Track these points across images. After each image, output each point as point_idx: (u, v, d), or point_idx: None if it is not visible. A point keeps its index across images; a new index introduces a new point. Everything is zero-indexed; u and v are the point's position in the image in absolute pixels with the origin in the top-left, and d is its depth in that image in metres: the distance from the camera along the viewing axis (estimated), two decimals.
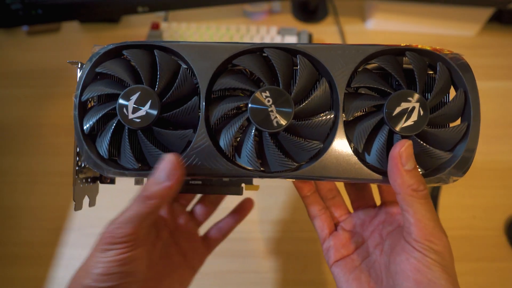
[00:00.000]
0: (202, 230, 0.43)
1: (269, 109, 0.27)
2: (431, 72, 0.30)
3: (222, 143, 0.28)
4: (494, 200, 0.56)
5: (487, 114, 0.65)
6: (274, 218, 0.55)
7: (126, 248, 0.27)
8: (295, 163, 0.29)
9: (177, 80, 0.28)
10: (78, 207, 0.32)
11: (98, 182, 0.35)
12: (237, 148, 0.29)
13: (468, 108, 0.28)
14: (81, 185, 0.33)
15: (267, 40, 0.68)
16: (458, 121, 0.29)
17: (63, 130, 0.62)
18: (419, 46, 0.29)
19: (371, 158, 0.29)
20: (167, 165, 0.26)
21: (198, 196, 0.42)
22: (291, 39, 0.68)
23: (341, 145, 0.28)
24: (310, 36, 0.70)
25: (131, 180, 0.35)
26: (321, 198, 0.37)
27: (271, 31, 0.69)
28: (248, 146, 0.28)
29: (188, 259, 0.37)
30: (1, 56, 0.72)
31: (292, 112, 0.27)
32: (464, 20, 0.71)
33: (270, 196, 0.56)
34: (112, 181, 0.34)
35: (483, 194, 0.56)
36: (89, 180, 0.34)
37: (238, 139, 0.30)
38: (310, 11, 0.78)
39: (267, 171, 0.29)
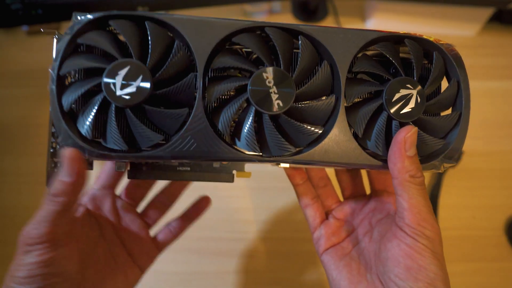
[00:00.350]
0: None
1: (270, 90, 0.26)
2: (426, 62, 0.31)
3: (220, 125, 0.27)
4: (494, 200, 0.56)
5: (487, 114, 0.65)
6: (273, 218, 0.55)
7: (45, 249, 0.26)
8: (295, 147, 0.28)
9: (171, 55, 0.26)
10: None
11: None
12: (235, 131, 0.28)
13: (460, 98, 0.29)
14: (56, 170, 0.31)
15: None
16: (449, 110, 0.30)
17: None
18: (418, 35, 0.29)
19: (371, 143, 0.29)
20: (64, 161, 0.25)
21: (151, 194, 0.40)
22: None
23: (342, 130, 0.28)
24: None
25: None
26: (312, 186, 0.37)
27: None
28: (247, 128, 0.27)
29: (135, 259, 0.36)
30: (1, 56, 0.72)
31: (293, 94, 0.27)
32: (464, 20, 0.71)
33: (270, 196, 0.56)
34: (90, 166, 0.31)
35: (483, 194, 0.56)
36: None
37: (234, 123, 0.28)
38: (310, 11, 0.78)
39: (266, 155, 0.28)
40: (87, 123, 0.26)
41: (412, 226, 0.26)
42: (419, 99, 0.28)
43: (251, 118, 0.27)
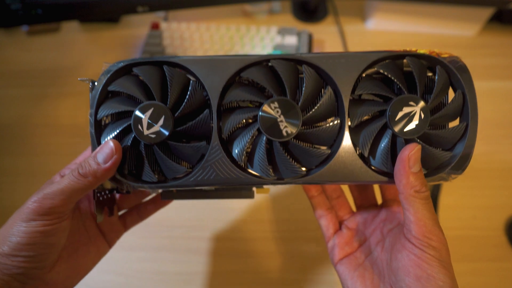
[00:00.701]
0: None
1: (279, 119, 0.29)
2: (430, 74, 0.31)
3: (235, 153, 0.29)
4: (494, 200, 0.56)
5: (487, 114, 0.65)
6: (274, 218, 0.55)
7: (52, 220, 0.28)
8: (305, 169, 0.30)
9: (187, 95, 0.29)
10: (100, 218, 0.34)
11: (115, 192, 0.36)
12: (249, 157, 0.30)
13: (466, 109, 0.30)
14: (101, 198, 0.35)
15: (267, 40, 0.68)
16: (457, 121, 0.31)
17: (63, 130, 0.62)
18: (418, 51, 0.30)
19: (376, 161, 0.30)
20: (107, 149, 0.28)
21: None
22: (291, 39, 0.68)
23: (347, 150, 0.30)
24: (310, 36, 0.70)
25: None
26: (326, 197, 0.39)
27: (271, 31, 0.69)
28: (260, 155, 0.29)
29: (104, 233, 0.38)
30: (1, 56, 0.72)
31: (300, 121, 0.29)
32: (464, 20, 0.71)
33: (270, 196, 0.56)
34: (128, 191, 0.35)
35: (483, 194, 0.56)
36: (107, 192, 0.36)
37: (249, 149, 0.30)
38: (310, 11, 0.78)
39: (279, 178, 0.30)
40: (123, 160, 0.29)
41: (419, 238, 0.27)
42: (422, 115, 0.28)
43: (263, 145, 0.29)
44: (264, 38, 0.68)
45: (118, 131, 0.29)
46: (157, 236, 0.53)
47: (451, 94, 0.31)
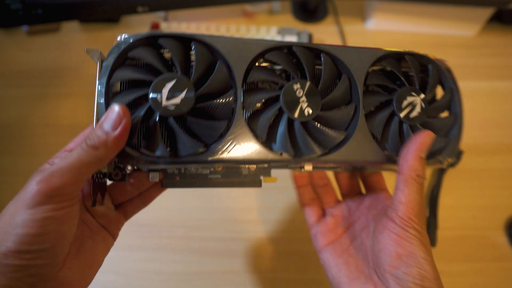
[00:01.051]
0: None
1: (300, 100, 0.30)
2: (421, 75, 0.35)
3: (259, 130, 0.30)
4: (494, 200, 0.56)
5: (487, 114, 0.65)
6: (274, 218, 0.55)
7: (63, 203, 0.23)
8: (322, 149, 0.31)
9: (214, 72, 0.29)
10: (94, 203, 0.31)
11: (106, 179, 0.33)
12: (270, 135, 0.31)
13: (454, 102, 0.35)
14: (97, 181, 0.32)
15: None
16: (446, 113, 0.36)
17: (63, 130, 0.62)
18: (415, 52, 0.34)
19: (388, 144, 0.33)
20: (113, 115, 0.25)
21: None
22: (291, 39, 0.68)
23: (363, 134, 0.32)
24: (310, 36, 0.70)
25: None
26: (312, 187, 0.40)
27: (271, 31, 0.69)
28: (282, 132, 0.30)
29: (105, 225, 0.34)
30: (1, 56, 0.72)
31: (320, 103, 0.31)
32: (464, 20, 0.71)
33: (270, 196, 0.56)
34: (123, 178, 0.32)
35: (483, 194, 0.56)
36: (101, 175, 0.32)
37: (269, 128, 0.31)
38: (310, 11, 0.78)
39: (299, 156, 0.31)
40: (132, 132, 0.27)
41: (403, 218, 0.28)
42: (423, 105, 0.32)
43: (284, 123, 0.30)
44: (264, 38, 0.68)
45: (133, 97, 0.27)
46: (157, 236, 0.53)
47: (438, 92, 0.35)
